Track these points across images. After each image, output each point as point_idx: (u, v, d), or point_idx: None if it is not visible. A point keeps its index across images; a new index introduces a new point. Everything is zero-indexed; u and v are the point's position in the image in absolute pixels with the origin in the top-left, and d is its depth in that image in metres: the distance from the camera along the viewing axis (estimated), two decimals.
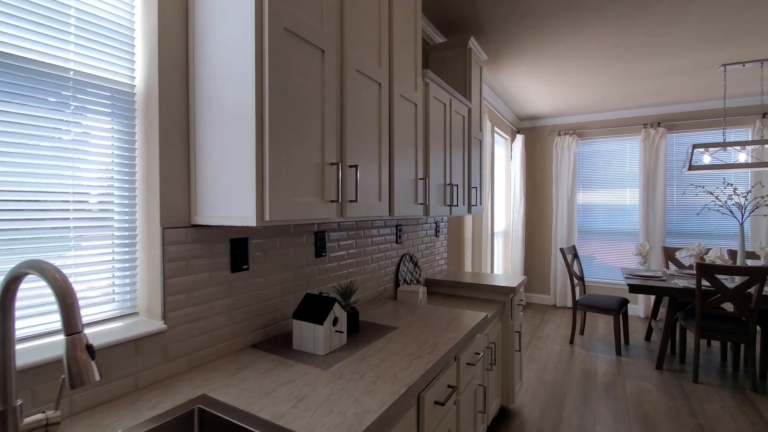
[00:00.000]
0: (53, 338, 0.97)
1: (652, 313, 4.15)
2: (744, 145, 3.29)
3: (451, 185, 2.25)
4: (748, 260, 4.19)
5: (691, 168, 3.46)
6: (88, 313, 1.04)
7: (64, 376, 0.67)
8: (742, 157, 4.34)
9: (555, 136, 5.41)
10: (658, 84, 3.90)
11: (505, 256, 5.16)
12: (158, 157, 1.11)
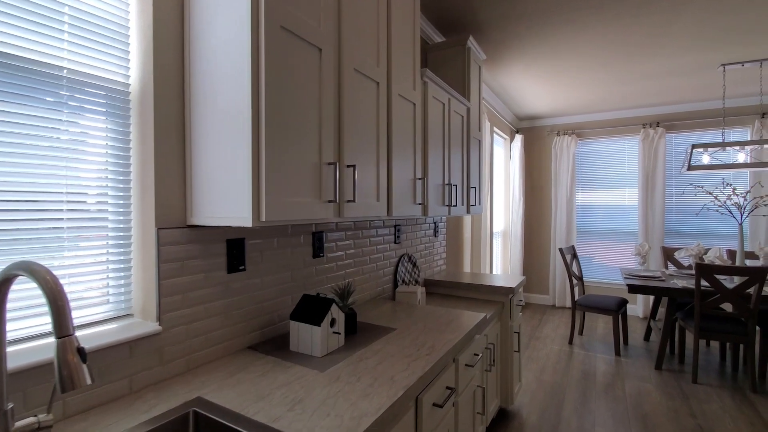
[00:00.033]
0: (45, 340, 0.95)
1: (651, 314, 4.14)
2: (743, 145, 3.29)
3: (449, 185, 2.24)
4: (747, 260, 4.19)
5: (690, 168, 3.45)
6: (82, 315, 1.02)
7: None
8: (741, 157, 4.35)
9: (554, 136, 5.40)
10: (658, 84, 3.90)
11: (504, 257, 5.15)
12: (153, 157, 1.10)
